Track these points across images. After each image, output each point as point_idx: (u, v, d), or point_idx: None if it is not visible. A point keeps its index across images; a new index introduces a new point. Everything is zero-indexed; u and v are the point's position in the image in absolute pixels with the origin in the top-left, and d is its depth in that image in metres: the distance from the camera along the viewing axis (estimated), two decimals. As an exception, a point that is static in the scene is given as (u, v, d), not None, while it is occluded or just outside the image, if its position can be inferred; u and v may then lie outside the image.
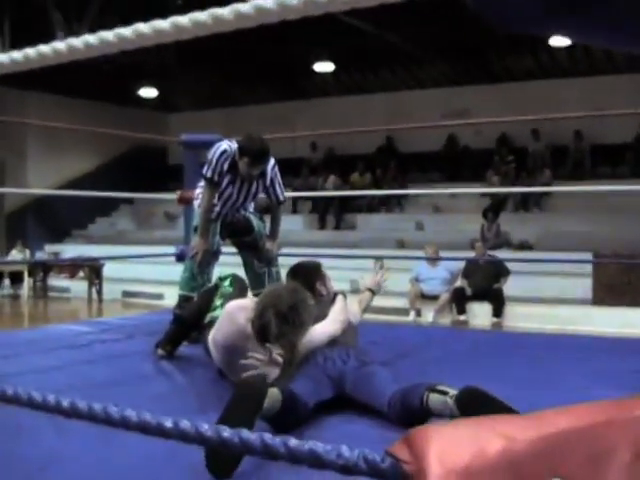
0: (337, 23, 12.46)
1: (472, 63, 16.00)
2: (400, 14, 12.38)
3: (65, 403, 1.45)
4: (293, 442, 1.26)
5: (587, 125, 15.24)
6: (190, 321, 4.40)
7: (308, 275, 4.29)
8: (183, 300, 5.00)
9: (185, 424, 1.33)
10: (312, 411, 3.08)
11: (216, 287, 4.35)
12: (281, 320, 3.31)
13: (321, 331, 3.63)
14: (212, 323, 3.85)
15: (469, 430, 1.41)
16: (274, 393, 2.78)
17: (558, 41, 14.04)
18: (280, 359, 3.24)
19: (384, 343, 4.56)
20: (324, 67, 16.56)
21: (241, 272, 4.95)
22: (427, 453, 1.32)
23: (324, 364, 3.37)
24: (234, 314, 3.60)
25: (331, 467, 1.23)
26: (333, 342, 3.63)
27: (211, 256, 5.03)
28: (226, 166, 4.93)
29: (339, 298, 4.10)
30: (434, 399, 2.80)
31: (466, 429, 1.43)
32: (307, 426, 2.98)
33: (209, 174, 4.94)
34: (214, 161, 4.92)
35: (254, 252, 5.20)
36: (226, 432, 1.32)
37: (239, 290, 4.19)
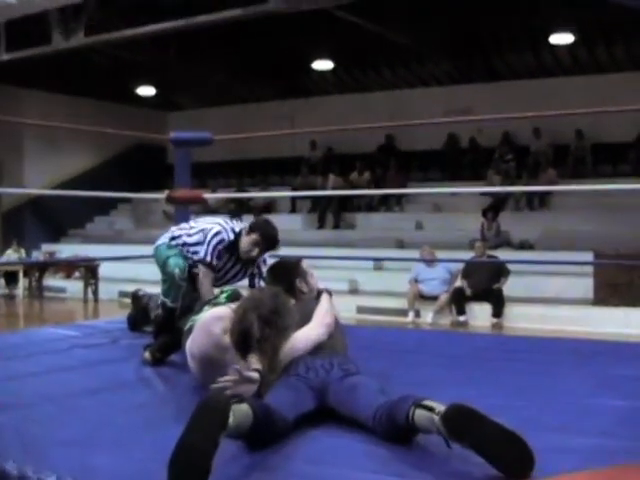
0: (336, 21, 12.35)
1: (474, 61, 15.89)
2: (400, 11, 12.27)
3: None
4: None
5: (588, 124, 15.17)
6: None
7: (287, 273, 4.13)
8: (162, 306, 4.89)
9: None
10: (293, 424, 2.90)
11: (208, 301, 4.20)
12: (264, 323, 3.13)
13: (305, 337, 3.43)
14: (192, 329, 3.67)
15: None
16: (242, 409, 2.60)
17: (560, 39, 13.95)
18: (255, 375, 3.04)
19: (376, 348, 4.39)
20: (323, 65, 16.45)
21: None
22: None
23: (306, 374, 3.19)
24: (209, 325, 3.43)
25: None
26: (319, 348, 3.44)
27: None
28: (223, 252, 4.86)
29: (324, 297, 3.90)
30: (420, 415, 2.63)
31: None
32: (287, 441, 2.82)
33: (208, 259, 4.83)
34: (210, 249, 4.81)
35: None
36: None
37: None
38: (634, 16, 12.30)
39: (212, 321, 3.41)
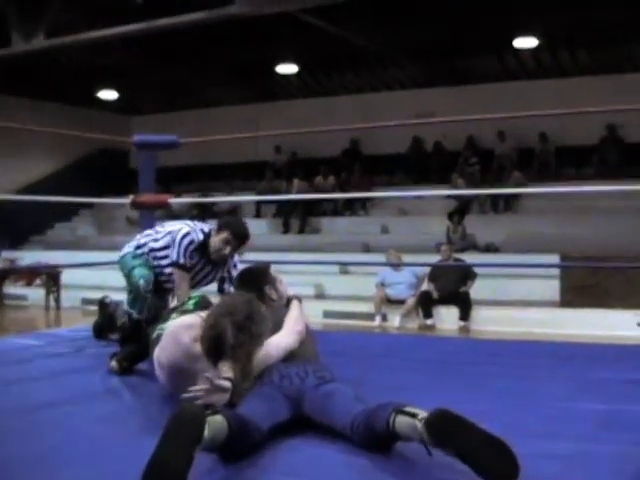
0: (301, 25, 12.28)
1: (438, 65, 15.89)
2: (365, 15, 12.22)
3: None
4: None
5: (552, 127, 15.22)
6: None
7: (255, 279, 4.04)
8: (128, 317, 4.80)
9: None
10: (268, 435, 2.81)
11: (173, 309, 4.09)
12: (238, 329, 3.02)
13: (277, 345, 3.34)
14: (160, 337, 3.55)
15: None
16: (217, 421, 2.49)
17: (524, 43, 13.98)
18: (227, 384, 2.93)
19: (347, 354, 4.31)
20: (288, 69, 16.36)
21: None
22: None
23: (280, 382, 3.10)
24: (178, 333, 3.31)
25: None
26: (290, 356, 3.37)
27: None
28: (194, 253, 4.77)
29: (294, 304, 3.84)
30: (401, 422, 2.55)
31: None
32: (263, 453, 2.73)
33: (181, 260, 4.75)
34: (182, 250, 4.73)
35: None
36: None
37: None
38: (597, 21, 12.40)
39: (181, 329, 3.30)
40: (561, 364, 4.49)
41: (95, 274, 13.76)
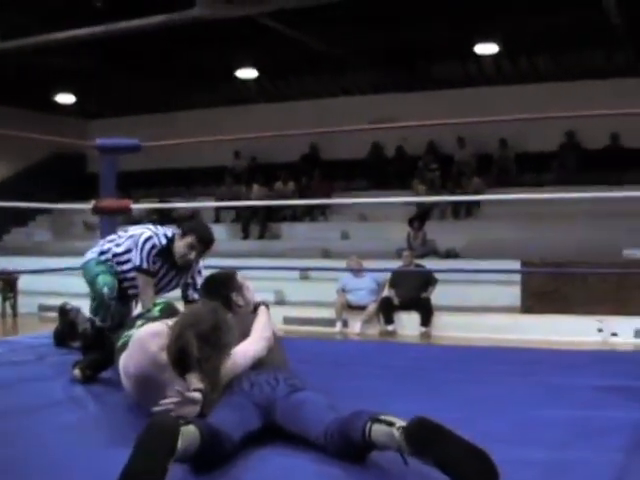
0: (261, 28, 12.22)
1: (399, 70, 15.91)
2: (324, 20, 12.18)
3: None
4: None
5: (512, 133, 15.36)
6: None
7: (221, 286, 3.95)
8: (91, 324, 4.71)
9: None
10: (239, 444, 2.74)
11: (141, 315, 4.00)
12: (202, 341, 2.93)
13: (245, 352, 3.27)
14: (126, 345, 3.46)
15: None
16: (189, 431, 2.42)
17: (484, 49, 14.04)
18: (198, 396, 2.85)
19: (310, 361, 4.22)
20: (247, 73, 16.30)
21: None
22: None
23: (250, 391, 3.03)
24: (145, 341, 3.22)
25: None
26: (259, 363, 3.30)
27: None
28: (157, 258, 4.70)
29: (261, 310, 3.77)
30: (378, 431, 2.49)
31: None
32: (235, 463, 2.66)
33: (145, 265, 4.67)
34: (144, 255, 4.66)
35: None
36: None
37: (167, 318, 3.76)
38: (556, 28, 12.49)
39: (148, 338, 3.21)
40: (527, 370, 4.46)
41: (53, 280, 13.58)
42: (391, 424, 2.45)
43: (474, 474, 2.28)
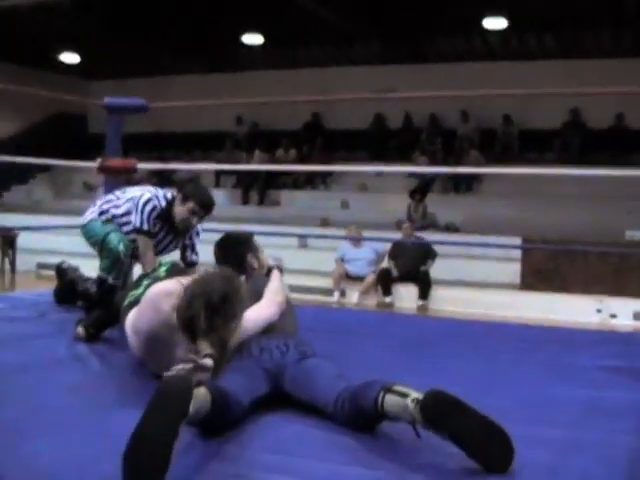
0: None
1: (403, 42, 15.81)
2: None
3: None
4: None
5: (516, 110, 15.26)
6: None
7: (237, 247, 3.91)
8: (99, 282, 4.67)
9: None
10: (248, 410, 2.71)
11: (145, 275, 3.95)
12: (211, 312, 2.85)
13: (256, 317, 3.22)
14: (133, 304, 3.42)
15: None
16: (201, 394, 2.38)
17: (492, 24, 13.94)
18: (210, 362, 2.80)
19: (318, 329, 4.16)
20: (253, 39, 16.17)
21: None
22: None
23: (260, 356, 2.99)
24: (158, 301, 3.15)
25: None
26: (271, 328, 3.25)
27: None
28: (157, 220, 4.67)
29: (275, 274, 3.71)
30: (391, 402, 2.45)
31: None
32: (244, 428, 2.63)
33: (145, 227, 4.64)
34: (145, 216, 4.62)
35: None
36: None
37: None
38: (566, 5, 12.39)
39: (161, 297, 3.16)
40: (530, 347, 4.43)
41: (50, 238, 13.57)
42: (405, 395, 2.41)
43: (489, 449, 2.26)
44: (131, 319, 3.35)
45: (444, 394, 2.33)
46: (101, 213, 4.80)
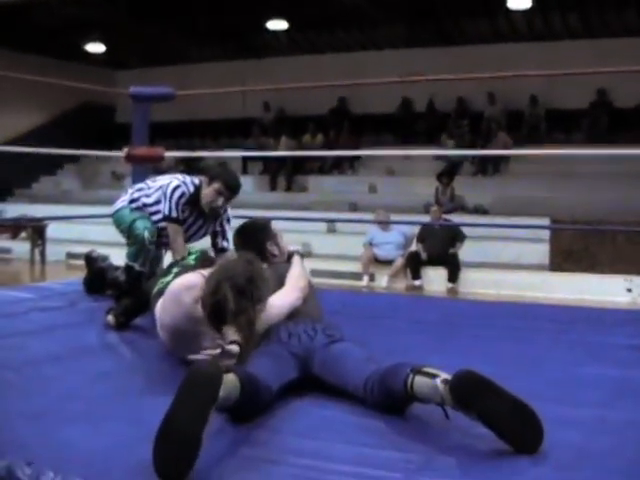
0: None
1: (428, 25, 15.73)
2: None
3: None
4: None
5: (543, 90, 15.14)
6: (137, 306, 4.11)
7: (257, 234, 3.91)
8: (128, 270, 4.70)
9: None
10: (277, 395, 2.73)
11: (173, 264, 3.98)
12: (239, 294, 2.88)
13: (280, 303, 3.23)
14: (162, 292, 3.44)
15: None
16: (230, 380, 2.39)
17: (516, 4, 13.83)
18: (236, 348, 2.82)
19: (342, 312, 4.17)
20: (277, 25, 16.17)
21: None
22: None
23: (288, 341, 3.00)
24: (179, 294, 3.18)
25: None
26: (295, 313, 3.26)
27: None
28: (186, 207, 4.69)
29: (296, 259, 3.73)
30: (421, 383, 2.45)
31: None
32: (273, 413, 2.64)
33: (174, 214, 4.66)
34: (173, 204, 4.64)
35: None
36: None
37: (202, 267, 3.70)
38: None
39: (182, 290, 3.17)
40: (563, 328, 4.40)
41: (80, 228, 13.68)
42: (434, 376, 2.42)
43: (519, 430, 2.26)
44: (158, 310, 3.38)
45: (474, 374, 2.33)
46: (131, 201, 4.83)
